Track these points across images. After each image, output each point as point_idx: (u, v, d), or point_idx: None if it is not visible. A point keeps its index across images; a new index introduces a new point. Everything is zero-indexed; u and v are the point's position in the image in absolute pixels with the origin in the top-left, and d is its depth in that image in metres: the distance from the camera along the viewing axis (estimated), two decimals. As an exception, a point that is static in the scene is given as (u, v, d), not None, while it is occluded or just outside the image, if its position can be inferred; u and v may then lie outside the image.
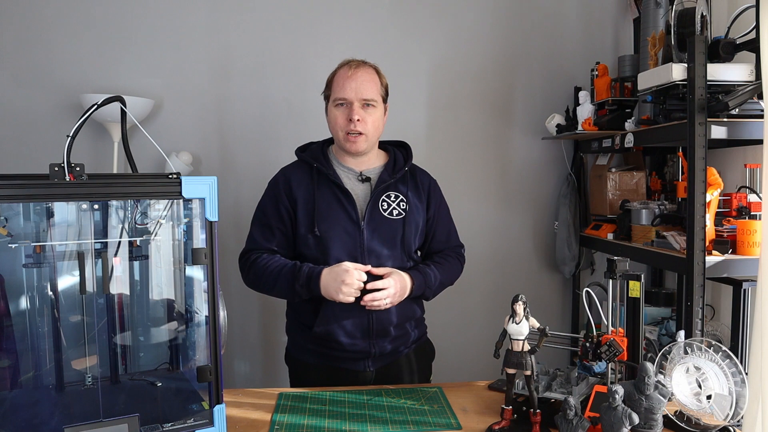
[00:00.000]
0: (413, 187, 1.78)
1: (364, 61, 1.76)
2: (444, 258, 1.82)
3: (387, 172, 1.75)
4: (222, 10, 2.65)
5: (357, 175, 1.75)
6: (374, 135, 1.73)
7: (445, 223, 1.87)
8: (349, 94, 1.67)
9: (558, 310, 2.94)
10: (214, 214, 1.22)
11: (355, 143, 1.69)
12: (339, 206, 1.69)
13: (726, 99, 1.80)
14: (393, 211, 1.71)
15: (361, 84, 1.68)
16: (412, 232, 1.73)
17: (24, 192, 1.08)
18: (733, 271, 1.91)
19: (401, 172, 1.76)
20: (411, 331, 1.77)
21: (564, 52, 2.84)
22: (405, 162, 1.79)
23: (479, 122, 2.81)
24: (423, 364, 1.85)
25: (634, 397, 1.22)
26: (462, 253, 1.90)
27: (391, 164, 1.78)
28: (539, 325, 1.30)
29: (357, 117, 1.67)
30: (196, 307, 1.33)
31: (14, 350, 1.25)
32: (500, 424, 1.31)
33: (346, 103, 1.69)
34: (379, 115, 1.74)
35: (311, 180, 1.72)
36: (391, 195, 1.73)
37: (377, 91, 1.72)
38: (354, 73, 1.69)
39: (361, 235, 1.67)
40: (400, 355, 1.77)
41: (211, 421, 1.24)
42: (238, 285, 2.74)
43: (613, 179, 2.59)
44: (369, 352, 1.69)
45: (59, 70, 2.56)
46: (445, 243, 1.86)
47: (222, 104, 2.69)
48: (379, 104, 1.72)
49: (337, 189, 1.70)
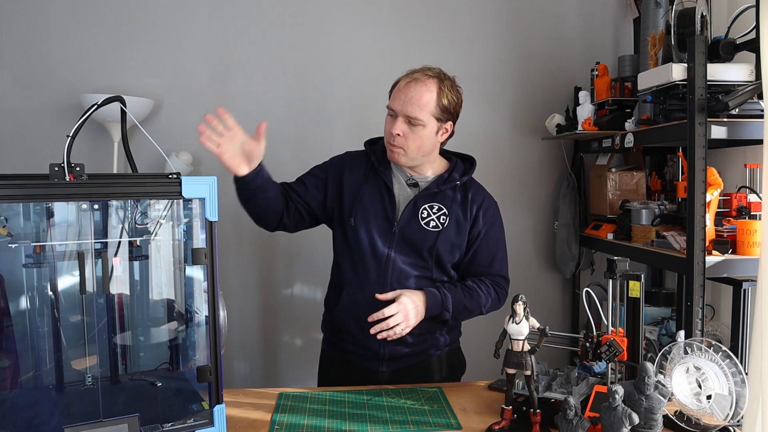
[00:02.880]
0: (461, 203, 1.69)
1: (434, 74, 1.65)
2: (477, 283, 1.68)
3: (437, 182, 1.69)
4: (222, 10, 2.65)
5: (407, 179, 1.71)
6: (416, 153, 1.65)
7: (491, 248, 1.73)
8: (396, 106, 1.63)
9: (558, 310, 2.94)
10: (214, 214, 1.22)
11: (393, 154, 1.66)
12: (380, 203, 1.67)
13: (726, 99, 1.80)
14: (431, 222, 1.66)
15: (411, 100, 1.60)
16: (446, 248, 1.66)
17: (24, 192, 1.08)
18: (733, 271, 1.91)
19: (452, 183, 1.69)
20: (440, 336, 1.72)
21: (564, 52, 2.84)
22: (462, 175, 1.72)
23: (479, 122, 2.81)
24: (450, 374, 1.76)
25: (634, 397, 1.22)
26: (501, 284, 1.73)
27: (445, 175, 1.71)
28: (539, 325, 1.30)
29: (397, 132, 1.61)
30: (196, 307, 1.33)
31: (14, 350, 1.25)
32: (500, 424, 1.31)
33: (394, 114, 1.64)
34: (428, 134, 1.63)
35: (364, 172, 1.71)
36: (435, 206, 1.67)
37: (428, 110, 1.61)
38: (407, 87, 1.62)
39: (392, 237, 1.65)
40: (423, 358, 1.71)
41: (211, 421, 1.24)
42: (238, 285, 2.76)
43: (613, 179, 2.59)
44: (379, 352, 1.67)
45: (59, 70, 2.56)
46: (486, 268, 1.72)
47: (222, 104, 2.67)
48: (428, 123, 1.62)
49: (383, 186, 1.68)
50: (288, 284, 2.76)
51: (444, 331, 1.73)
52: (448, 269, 1.70)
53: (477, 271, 1.71)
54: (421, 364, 1.72)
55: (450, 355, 1.77)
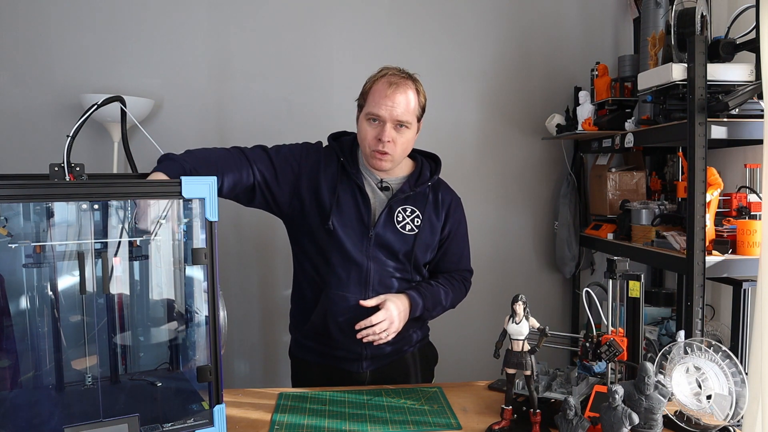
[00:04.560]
0: (433, 204, 1.72)
1: (407, 75, 1.65)
2: (449, 281, 1.76)
3: (408, 184, 1.69)
4: (222, 10, 2.65)
5: (378, 182, 1.69)
6: (401, 157, 1.66)
7: (459, 246, 1.80)
8: (383, 113, 1.58)
9: (558, 310, 2.94)
10: (214, 214, 1.22)
11: (381, 162, 1.63)
12: (354, 207, 1.64)
13: (726, 99, 1.80)
14: (406, 225, 1.66)
15: (399, 105, 1.58)
16: (422, 251, 1.69)
17: (24, 192, 1.08)
18: (733, 271, 1.91)
19: (423, 186, 1.70)
20: (413, 333, 1.75)
21: (564, 52, 2.84)
22: (431, 176, 1.72)
23: (479, 122, 2.81)
24: (424, 368, 1.82)
25: (634, 397, 1.22)
26: (468, 279, 1.84)
27: (415, 176, 1.71)
28: (539, 325, 1.30)
29: (388, 139, 1.59)
30: (196, 307, 1.33)
31: (14, 350, 1.24)
32: (500, 424, 1.31)
33: (379, 121, 1.60)
34: (410, 137, 1.65)
35: (336, 172, 1.66)
36: (408, 209, 1.67)
37: (414, 112, 1.63)
38: (393, 92, 1.58)
39: (369, 241, 1.64)
40: (398, 356, 1.75)
41: (211, 421, 1.24)
42: (238, 285, 2.76)
43: (613, 179, 2.59)
44: (361, 354, 1.68)
45: (59, 70, 2.56)
46: (455, 265, 1.80)
47: (222, 104, 2.68)
48: (413, 125, 1.64)
49: (357, 190, 1.65)
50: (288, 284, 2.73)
51: (416, 326, 1.76)
52: (422, 269, 1.75)
53: (447, 268, 1.80)
54: (398, 361, 1.75)
55: (423, 349, 1.83)
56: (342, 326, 1.63)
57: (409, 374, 1.77)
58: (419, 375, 1.79)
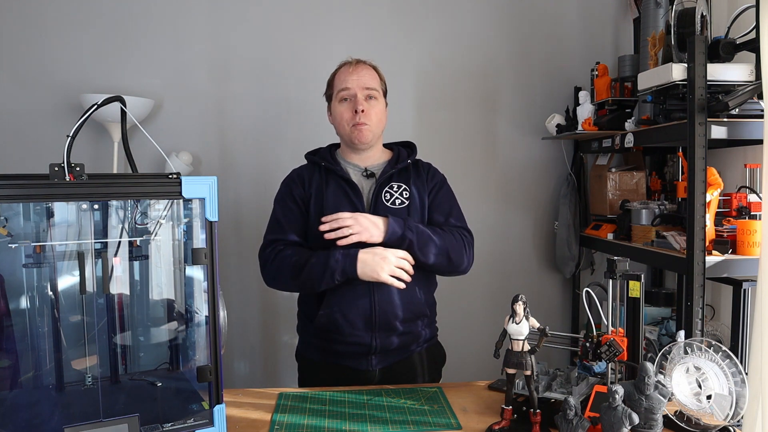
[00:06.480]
0: (416, 176, 1.80)
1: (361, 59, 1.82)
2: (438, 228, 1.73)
3: (390, 165, 1.79)
4: (222, 10, 2.65)
5: (362, 171, 1.78)
6: (378, 127, 1.77)
7: (446, 203, 1.80)
8: (352, 84, 1.73)
9: (558, 310, 2.94)
10: (214, 214, 1.22)
11: (362, 132, 1.73)
12: (346, 199, 1.72)
13: (726, 99, 1.80)
14: (396, 201, 1.73)
15: (363, 76, 1.75)
16: (417, 220, 1.73)
17: (24, 192, 1.08)
18: (733, 271, 1.91)
19: (404, 163, 1.79)
20: (422, 330, 1.76)
21: (564, 52, 2.84)
22: (409, 156, 1.82)
23: (479, 122, 2.81)
24: (432, 368, 1.82)
25: (634, 397, 1.22)
26: (463, 233, 1.76)
27: (394, 159, 1.81)
28: (539, 325, 1.30)
29: (362, 108, 1.72)
30: (196, 307, 1.33)
31: (14, 350, 1.24)
32: (500, 424, 1.31)
33: (349, 97, 1.74)
34: (381, 108, 1.79)
35: (320, 177, 1.77)
36: (394, 186, 1.75)
37: (378, 84, 1.78)
38: (355, 68, 1.76)
39: None
40: (408, 354, 1.75)
41: (211, 421, 1.24)
42: (238, 285, 2.76)
43: (613, 179, 2.59)
44: (370, 345, 1.68)
45: (59, 70, 2.56)
46: (446, 219, 1.78)
47: (222, 104, 2.69)
48: (380, 97, 1.78)
49: (344, 183, 1.74)
50: (288, 284, 2.75)
51: (425, 324, 1.77)
52: None
53: (438, 221, 1.78)
54: (407, 360, 1.76)
55: (431, 349, 1.83)
56: (350, 319, 1.66)
57: (417, 374, 1.77)
58: (426, 375, 1.79)
